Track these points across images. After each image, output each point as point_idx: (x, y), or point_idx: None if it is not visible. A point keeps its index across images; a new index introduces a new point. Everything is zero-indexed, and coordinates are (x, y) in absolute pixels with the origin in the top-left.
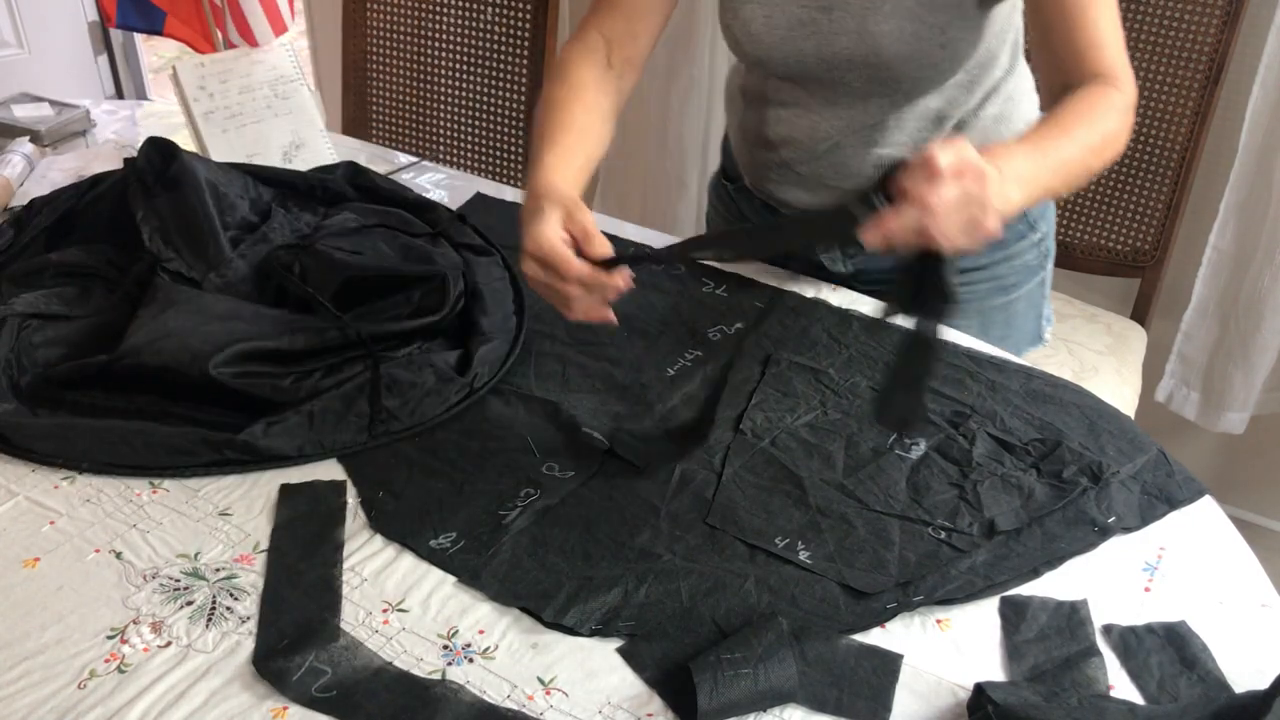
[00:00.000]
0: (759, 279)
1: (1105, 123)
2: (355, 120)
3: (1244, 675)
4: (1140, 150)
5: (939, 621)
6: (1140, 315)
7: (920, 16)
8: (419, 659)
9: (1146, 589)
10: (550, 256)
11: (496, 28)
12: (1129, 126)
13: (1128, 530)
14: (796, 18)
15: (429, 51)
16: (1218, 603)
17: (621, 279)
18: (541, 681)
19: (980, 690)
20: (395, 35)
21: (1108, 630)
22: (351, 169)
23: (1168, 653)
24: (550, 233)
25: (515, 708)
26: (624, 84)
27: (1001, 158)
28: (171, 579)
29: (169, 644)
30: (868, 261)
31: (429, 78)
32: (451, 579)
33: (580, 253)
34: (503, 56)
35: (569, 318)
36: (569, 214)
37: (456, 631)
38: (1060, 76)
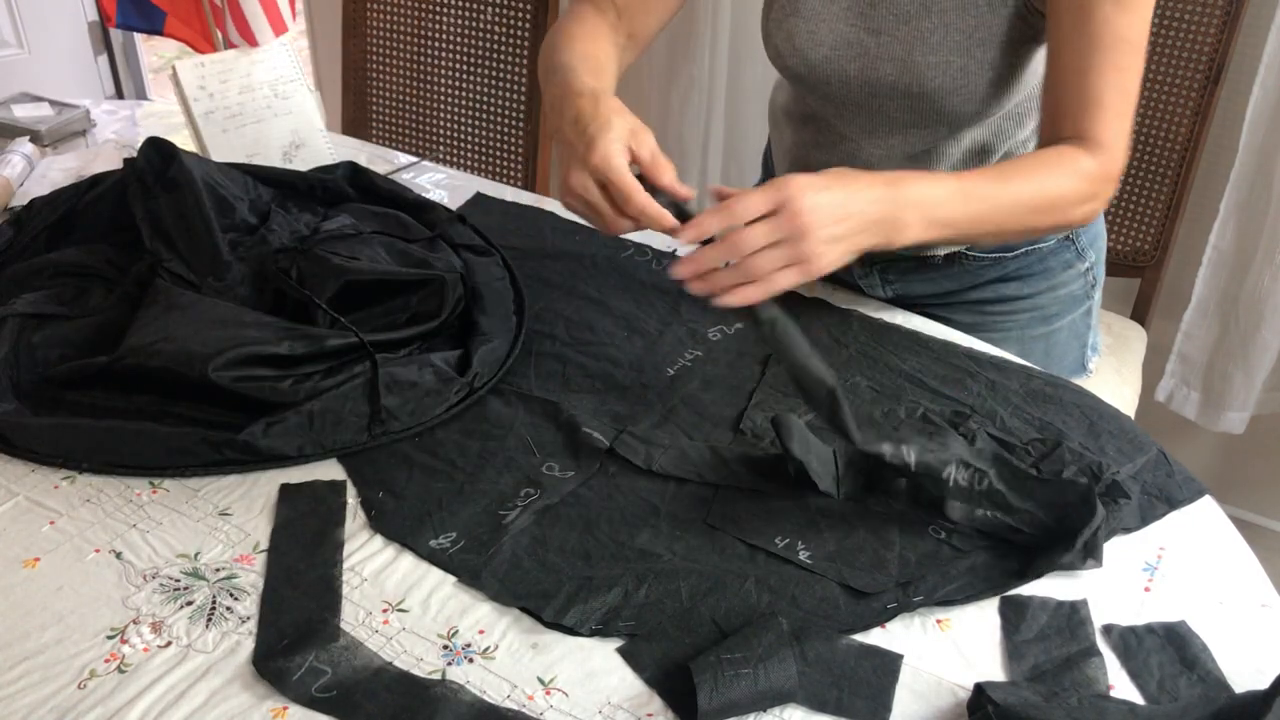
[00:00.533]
0: None
1: (1056, 184)
2: (355, 120)
3: (1244, 675)
4: (1140, 150)
5: (939, 621)
6: (1140, 315)
7: (969, 51)
8: (419, 659)
9: (1146, 589)
10: (618, 182)
11: (496, 28)
12: (1096, 196)
13: (1128, 530)
14: (844, 37)
15: (429, 51)
16: (1218, 603)
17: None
18: (541, 681)
19: (980, 690)
20: (395, 35)
21: (1108, 630)
22: (351, 169)
23: (1168, 653)
24: (618, 151)
25: (515, 708)
26: (625, 56)
27: (912, 181)
28: (171, 579)
29: (169, 644)
30: (905, 286)
31: (429, 78)
32: (451, 579)
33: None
34: (503, 56)
35: (602, 231)
36: (633, 133)
37: (456, 631)
38: (1049, 127)
